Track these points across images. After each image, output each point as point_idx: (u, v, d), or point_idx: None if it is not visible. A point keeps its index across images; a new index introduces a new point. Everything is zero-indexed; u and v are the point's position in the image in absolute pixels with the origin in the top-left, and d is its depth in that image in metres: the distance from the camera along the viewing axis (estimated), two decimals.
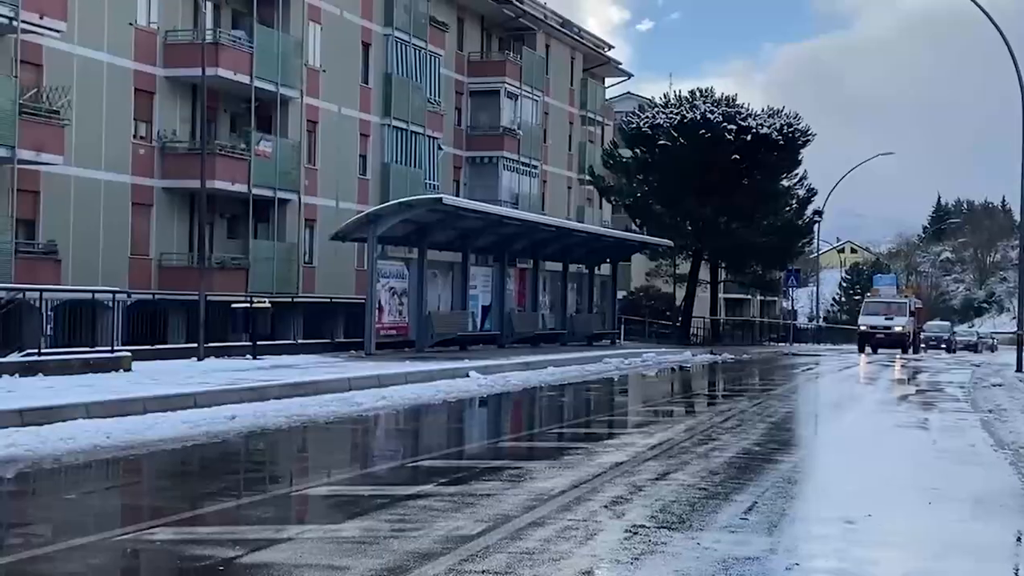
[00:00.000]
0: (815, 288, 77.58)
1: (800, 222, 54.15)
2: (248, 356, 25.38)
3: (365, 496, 9.69)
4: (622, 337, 47.15)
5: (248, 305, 26.51)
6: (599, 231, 44.09)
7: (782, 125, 49.47)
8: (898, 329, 51.75)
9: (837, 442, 15.53)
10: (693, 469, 11.40)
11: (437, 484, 10.18)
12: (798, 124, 50.43)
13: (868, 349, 51.08)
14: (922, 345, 58.68)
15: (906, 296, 56.19)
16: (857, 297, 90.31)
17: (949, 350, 61.08)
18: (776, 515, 9.05)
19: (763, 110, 50.63)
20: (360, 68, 39.46)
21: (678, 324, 54.58)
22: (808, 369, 34.18)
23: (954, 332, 69.81)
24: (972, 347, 66.75)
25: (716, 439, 14.15)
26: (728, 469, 11.51)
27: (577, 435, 15.03)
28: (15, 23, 25.33)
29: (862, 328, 52.90)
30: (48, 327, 23.10)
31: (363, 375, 20.97)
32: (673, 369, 32.41)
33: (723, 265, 55.16)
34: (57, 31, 26.76)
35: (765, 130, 48.53)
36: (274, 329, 28.66)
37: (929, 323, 68.79)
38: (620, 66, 63.53)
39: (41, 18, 25.97)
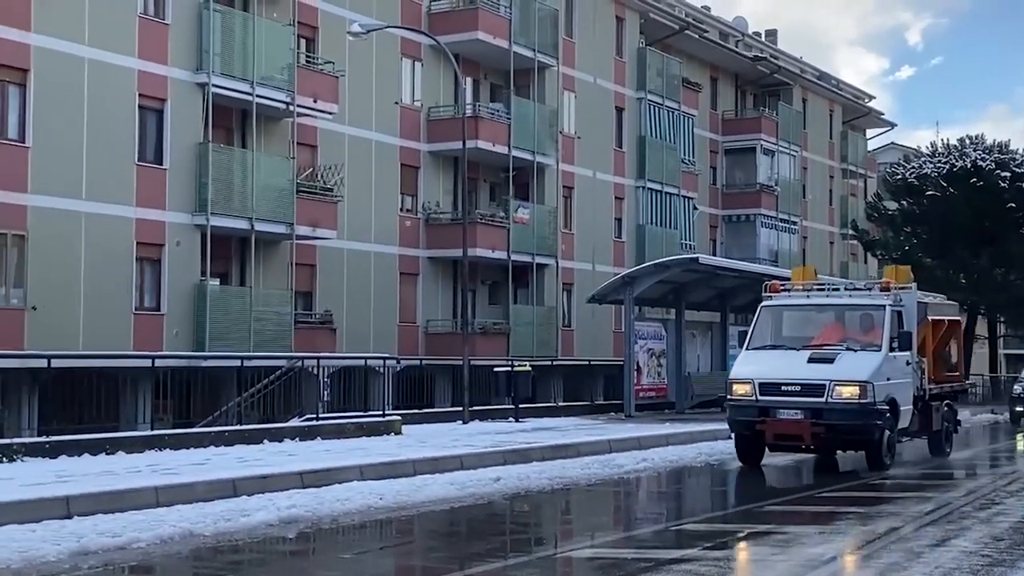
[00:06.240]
0: None
1: None
2: (510, 419, 25.86)
3: (629, 559, 9.64)
4: None
5: (510, 369, 27.05)
6: None
7: None
8: (846, 392, 17.21)
9: None
10: (975, 535, 10.76)
11: (702, 548, 10.02)
12: None
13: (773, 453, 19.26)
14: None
15: (883, 289, 18.74)
16: None
17: None
18: None
19: None
20: (614, 132, 39.90)
21: None
22: None
23: None
24: None
25: (999, 503, 13.31)
26: (1013, 535, 10.80)
27: (847, 498, 14.45)
28: (291, 108, 27.08)
29: (737, 393, 17.94)
30: (325, 393, 24.34)
31: (623, 437, 20.98)
32: None
33: (1002, 319, 52.05)
34: (330, 113, 28.42)
35: None
36: (535, 392, 29.14)
37: None
38: (882, 116, 61.63)
39: (315, 101, 27.66)
